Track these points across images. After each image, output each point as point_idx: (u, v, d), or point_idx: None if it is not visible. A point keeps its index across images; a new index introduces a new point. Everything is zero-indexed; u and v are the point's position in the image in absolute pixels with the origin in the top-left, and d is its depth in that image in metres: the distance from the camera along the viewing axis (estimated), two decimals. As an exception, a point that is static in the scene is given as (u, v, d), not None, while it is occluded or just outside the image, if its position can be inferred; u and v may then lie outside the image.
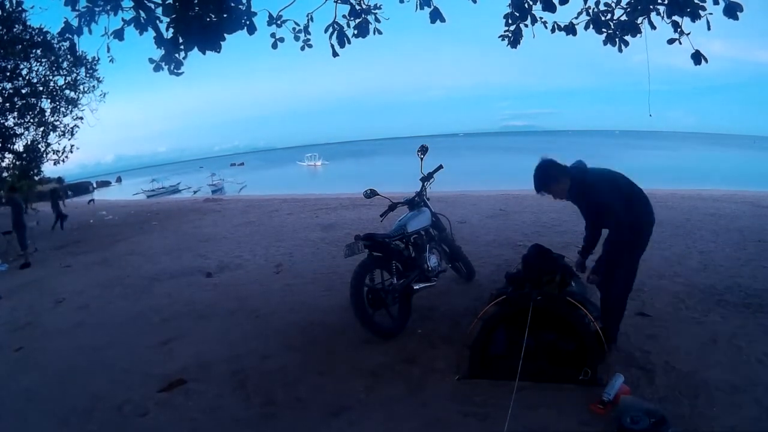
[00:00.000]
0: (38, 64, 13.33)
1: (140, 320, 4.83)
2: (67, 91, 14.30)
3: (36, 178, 15.13)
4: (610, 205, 3.02)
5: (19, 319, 5.38)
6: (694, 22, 3.67)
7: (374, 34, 4.72)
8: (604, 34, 4.49)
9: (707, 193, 10.51)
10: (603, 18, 4.45)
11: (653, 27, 4.14)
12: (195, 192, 33.46)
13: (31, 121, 13.93)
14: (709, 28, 3.56)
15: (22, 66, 12.90)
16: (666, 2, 3.84)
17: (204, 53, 3.06)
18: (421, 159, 4.60)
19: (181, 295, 5.56)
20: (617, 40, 4.45)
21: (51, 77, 13.87)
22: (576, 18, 4.49)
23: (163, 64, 3.41)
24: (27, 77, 13.27)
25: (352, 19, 4.54)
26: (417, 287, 4.00)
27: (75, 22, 3.16)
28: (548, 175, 3.14)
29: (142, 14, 3.06)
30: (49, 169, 16.02)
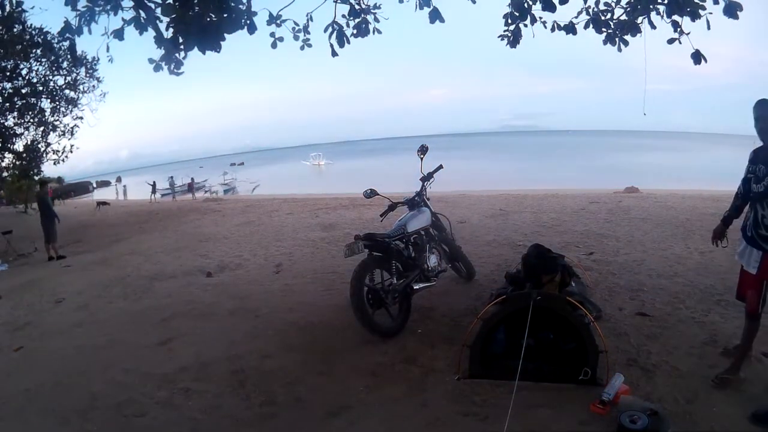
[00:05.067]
0: (38, 64, 13.29)
1: (140, 320, 4.83)
2: (67, 91, 14.29)
3: (36, 178, 15.11)
4: None
5: (19, 319, 5.38)
6: (694, 21, 3.67)
7: (374, 33, 4.72)
8: (604, 34, 4.49)
9: (707, 193, 10.52)
10: (603, 17, 4.44)
11: (653, 26, 4.14)
12: (209, 191, 30.22)
13: (31, 121, 13.91)
14: (709, 28, 3.56)
15: (22, 66, 12.88)
16: (666, 2, 3.84)
17: (204, 53, 3.06)
18: (421, 159, 4.60)
19: (181, 295, 5.56)
20: (617, 39, 4.45)
21: (51, 77, 13.84)
22: (576, 17, 4.48)
23: (163, 63, 3.40)
24: (27, 77, 13.25)
25: (351, 18, 4.53)
26: (417, 287, 3.99)
27: (75, 22, 3.15)
28: None
29: (142, 14, 3.05)
30: (60, 168, 15.93)
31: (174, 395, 3.20)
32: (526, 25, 4.63)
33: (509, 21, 4.67)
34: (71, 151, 14.69)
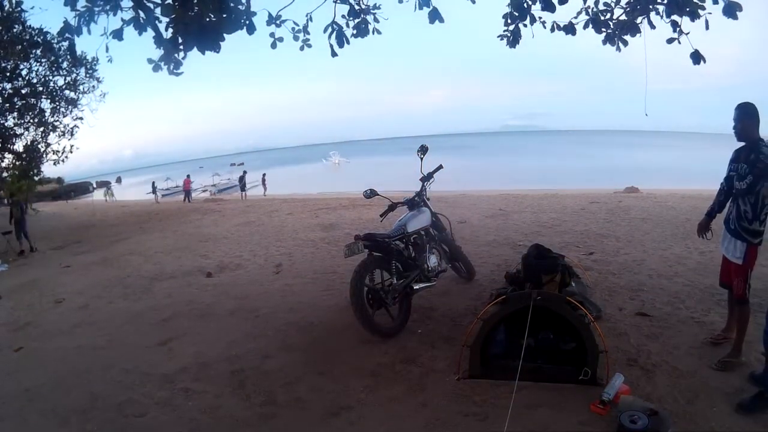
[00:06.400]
0: (38, 64, 13.30)
1: (140, 320, 4.83)
2: (66, 92, 14.29)
3: (36, 179, 15.12)
4: None
5: (19, 319, 5.38)
6: (693, 21, 3.66)
7: (373, 34, 4.72)
8: (604, 34, 4.49)
9: (707, 193, 10.49)
10: (602, 17, 4.44)
11: (652, 26, 4.14)
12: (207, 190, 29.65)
13: (31, 121, 13.91)
14: (707, 28, 3.56)
15: (21, 66, 12.88)
16: (665, 2, 3.83)
17: (203, 53, 3.05)
18: (421, 159, 4.60)
19: (181, 295, 5.56)
20: (616, 39, 4.44)
21: (51, 77, 13.84)
22: (575, 18, 4.48)
23: (162, 63, 3.40)
24: (27, 77, 13.25)
25: (351, 19, 4.53)
26: (417, 287, 3.99)
27: (74, 22, 3.15)
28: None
29: (141, 14, 3.05)
30: (62, 167, 15.86)
31: (174, 395, 3.20)
32: (525, 25, 4.62)
33: (509, 21, 4.66)
34: (71, 152, 14.69)
